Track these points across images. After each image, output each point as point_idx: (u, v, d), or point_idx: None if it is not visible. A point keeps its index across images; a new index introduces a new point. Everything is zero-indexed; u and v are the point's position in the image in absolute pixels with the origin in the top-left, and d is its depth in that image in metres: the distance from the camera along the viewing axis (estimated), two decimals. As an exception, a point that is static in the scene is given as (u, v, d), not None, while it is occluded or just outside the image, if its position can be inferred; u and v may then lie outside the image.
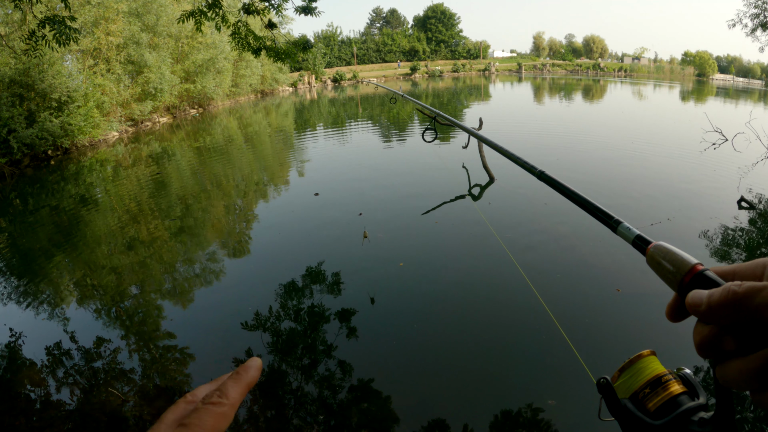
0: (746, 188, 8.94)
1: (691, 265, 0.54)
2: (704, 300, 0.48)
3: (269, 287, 5.82)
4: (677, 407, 0.60)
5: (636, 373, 0.65)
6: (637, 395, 0.64)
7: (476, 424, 3.51)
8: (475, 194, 9.43)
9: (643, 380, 0.64)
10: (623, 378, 0.66)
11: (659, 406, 0.61)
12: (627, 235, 0.72)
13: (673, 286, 0.56)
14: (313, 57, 52.71)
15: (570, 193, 0.96)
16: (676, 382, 0.63)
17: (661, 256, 0.59)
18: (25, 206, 10.67)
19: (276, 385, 4.12)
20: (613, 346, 4.46)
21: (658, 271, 0.59)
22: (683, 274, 0.54)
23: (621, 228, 0.75)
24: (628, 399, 0.65)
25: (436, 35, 79.56)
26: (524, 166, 1.19)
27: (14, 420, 3.79)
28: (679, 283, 0.55)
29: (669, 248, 0.59)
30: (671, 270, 0.56)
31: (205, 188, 11.40)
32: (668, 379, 0.63)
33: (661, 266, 0.59)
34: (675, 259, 0.56)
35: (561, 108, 27.24)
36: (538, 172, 1.10)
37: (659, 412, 0.61)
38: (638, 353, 0.67)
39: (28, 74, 14.90)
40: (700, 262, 0.54)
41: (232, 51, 28.31)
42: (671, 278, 0.56)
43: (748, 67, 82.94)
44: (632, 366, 0.66)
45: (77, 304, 5.87)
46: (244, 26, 9.08)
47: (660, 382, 0.63)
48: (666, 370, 0.65)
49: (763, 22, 18.80)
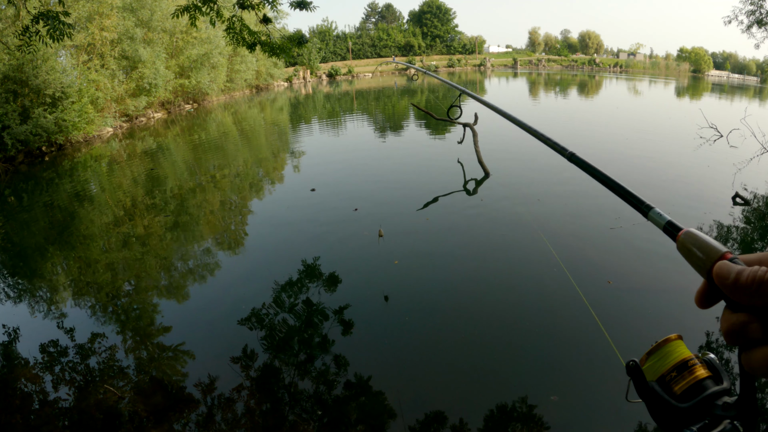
0: (741, 184, 8.98)
1: (721, 253, 0.54)
2: (733, 274, 0.50)
3: (265, 283, 5.81)
4: (702, 391, 0.62)
5: (663, 356, 0.67)
6: (664, 378, 0.66)
7: (472, 419, 3.53)
8: (470, 189, 9.44)
9: (670, 364, 0.66)
10: (651, 361, 0.68)
11: (685, 389, 0.63)
12: (658, 220, 0.72)
13: (703, 272, 0.56)
14: (308, 52, 52.57)
15: (601, 176, 0.98)
16: (701, 366, 0.65)
17: (691, 242, 0.59)
18: (19, 203, 10.61)
19: (272, 381, 4.12)
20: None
21: (688, 258, 0.60)
22: (713, 262, 0.54)
23: (652, 213, 0.75)
24: (656, 382, 0.66)
25: (431, 30, 79.28)
26: (554, 147, 1.20)
27: (11, 418, 3.78)
28: (708, 270, 0.55)
29: (699, 235, 0.59)
30: (701, 257, 0.57)
31: (200, 184, 11.36)
32: (694, 363, 0.65)
33: (691, 253, 0.59)
34: (705, 246, 0.57)
35: (555, 104, 27.25)
36: (569, 154, 1.12)
37: (685, 396, 0.63)
38: (665, 337, 0.69)
39: (22, 70, 14.78)
40: (729, 250, 0.55)
41: (226, 46, 28.19)
42: (701, 265, 0.57)
43: (743, 64, 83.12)
44: (660, 350, 0.68)
45: (72, 301, 5.85)
46: (238, 21, 9.03)
47: (686, 366, 0.65)
48: (692, 354, 0.67)
49: (758, 19, 18.82)
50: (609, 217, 7.28)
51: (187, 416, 3.70)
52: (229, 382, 4.03)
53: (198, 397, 3.90)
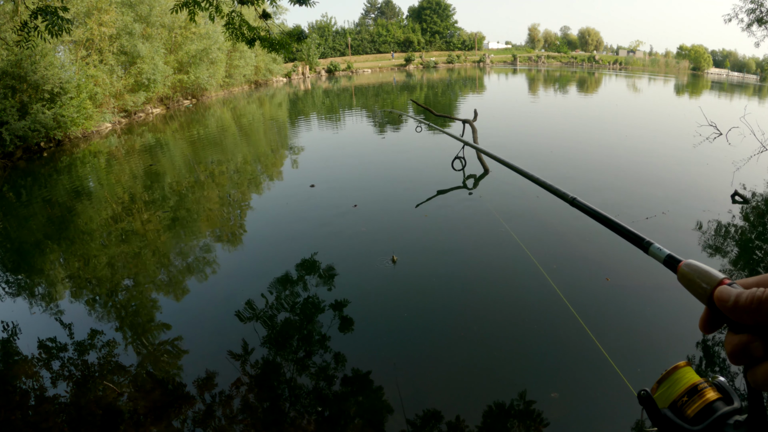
0: (740, 183, 8.98)
1: (719, 279, 0.58)
2: (732, 297, 0.53)
3: (263, 279, 5.82)
4: (713, 412, 0.64)
5: (673, 383, 0.69)
6: (676, 404, 0.68)
7: (471, 415, 3.54)
8: (470, 185, 9.44)
9: (681, 389, 0.68)
10: (662, 389, 0.70)
11: (697, 412, 0.65)
12: (658, 255, 0.77)
13: (704, 300, 0.60)
14: (307, 47, 52.45)
15: (603, 219, 1.05)
16: (711, 389, 0.67)
17: (691, 273, 0.63)
18: (18, 199, 10.60)
19: (271, 376, 4.13)
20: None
21: (689, 287, 0.63)
22: (712, 288, 0.58)
23: (652, 248, 0.80)
24: (668, 408, 0.68)
25: (431, 26, 79.20)
26: (556, 193, 1.25)
27: (10, 414, 3.78)
28: (709, 296, 0.59)
29: (698, 265, 0.63)
30: (701, 285, 0.60)
31: (198, 179, 11.35)
32: (704, 387, 0.67)
33: (691, 282, 0.63)
34: (704, 274, 0.61)
35: (555, 100, 27.24)
36: (570, 199, 1.16)
37: (697, 418, 0.65)
38: (674, 365, 0.71)
39: (20, 66, 14.73)
40: (726, 276, 0.58)
41: (225, 41, 28.17)
42: (701, 293, 0.60)
43: (743, 62, 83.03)
44: (669, 377, 0.70)
45: (71, 297, 5.85)
46: (238, 16, 9.01)
47: (696, 390, 0.67)
48: (701, 378, 0.69)
49: (759, 17, 18.80)
50: (610, 212, 7.27)
51: (186, 412, 3.71)
52: (228, 378, 4.04)
53: (197, 392, 3.91)
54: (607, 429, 3.46)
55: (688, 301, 0.71)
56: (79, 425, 3.66)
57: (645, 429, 0.80)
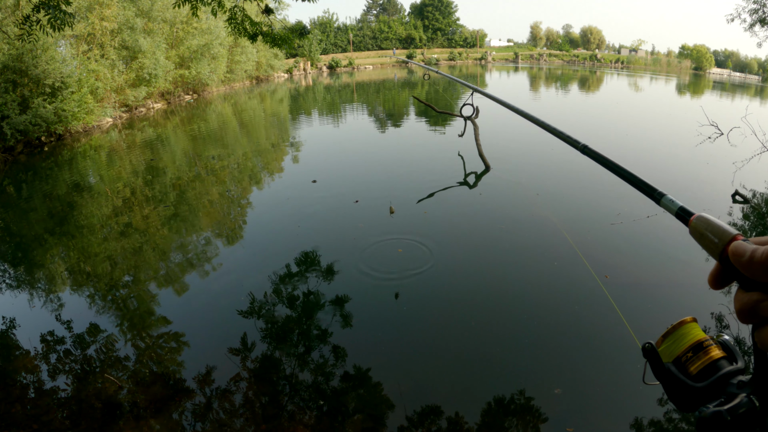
0: (740, 182, 8.98)
1: (732, 235, 0.57)
2: (748, 252, 0.52)
3: (264, 274, 5.83)
4: (717, 370, 0.64)
5: (679, 338, 0.69)
6: (680, 359, 0.67)
7: (472, 410, 3.55)
8: (471, 182, 9.45)
9: (686, 345, 0.68)
10: (666, 343, 0.70)
11: (701, 369, 0.65)
12: (670, 206, 0.77)
13: (715, 255, 0.58)
14: (308, 43, 52.24)
15: (614, 167, 1.01)
16: (716, 347, 0.67)
17: (703, 226, 0.62)
18: (18, 193, 10.60)
19: (271, 371, 4.14)
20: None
21: (701, 241, 0.62)
22: (725, 243, 0.57)
23: (664, 200, 0.80)
24: (672, 363, 0.68)
25: (432, 23, 79.00)
26: (567, 140, 1.22)
27: (10, 407, 3.80)
28: (721, 252, 0.57)
29: (711, 219, 0.62)
30: (713, 240, 0.59)
31: (199, 174, 11.35)
32: (709, 344, 0.67)
33: (703, 236, 0.61)
34: (717, 229, 0.59)
35: (556, 99, 27.19)
36: (581, 146, 1.13)
37: (701, 375, 0.65)
38: (680, 320, 0.70)
39: (22, 60, 14.69)
40: (740, 232, 0.57)
41: (227, 37, 28.08)
42: (713, 248, 0.59)
43: (745, 62, 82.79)
44: (675, 332, 0.70)
45: (71, 291, 5.86)
46: (240, 11, 9.00)
47: (701, 347, 0.67)
48: (707, 335, 0.68)
49: (761, 18, 18.76)
50: (610, 213, 7.29)
51: (186, 406, 3.72)
52: (228, 372, 4.05)
53: (197, 387, 3.92)
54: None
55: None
56: (79, 418, 3.67)
57: (645, 381, 0.80)
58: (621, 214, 7.12)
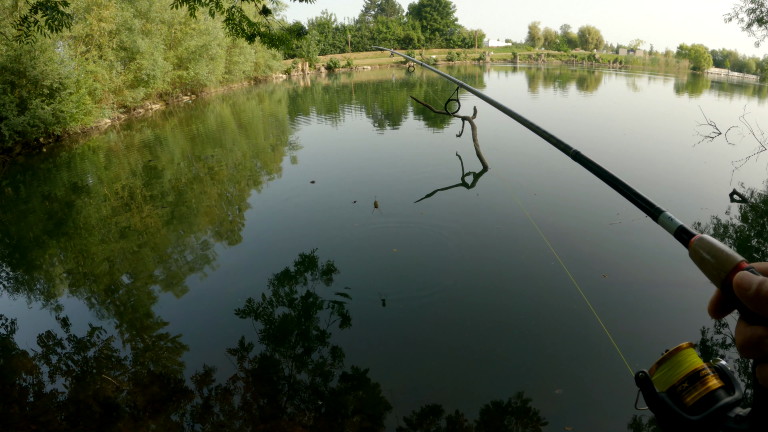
0: (738, 182, 9.00)
1: (737, 262, 0.52)
2: (755, 285, 0.47)
3: (262, 275, 5.83)
4: (714, 402, 0.60)
5: (674, 366, 0.65)
6: (675, 389, 0.64)
7: (469, 410, 3.55)
8: (468, 183, 9.45)
9: (682, 374, 0.64)
10: (661, 371, 0.66)
11: (697, 401, 0.61)
12: (669, 225, 0.68)
13: (717, 282, 0.54)
14: (307, 44, 52.26)
15: (608, 177, 0.91)
16: (713, 376, 0.63)
17: (705, 250, 0.57)
18: (16, 194, 10.58)
19: (269, 372, 4.14)
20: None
21: (701, 266, 0.57)
22: (728, 272, 0.52)
23: (662, 217, 0.70)
24: (666, 393, 0.64)
25: (431, 23, 78.97)
26: (558, 144, 1.13)
27: (8, 408, 3.79)
28: (723, 279, 0.53)
29: (714, 242, 0.56)
30: (715, 265, 0.54)
31: (198, 175, 11.35)
32: (706, 373, 0.63)
33: (704, 261, 0.56)
34: (720, 254, 0.54)
35: (555, 98, 27.21)
36: (573, 152, 1.06)
37: (696, 407, 0.61)
38: (676, 346, 0.67)
39: (20, 61, 14.66)
40: (744, 259, 0.52)
41: (225, 37, 28.06)
42: (714, 274, 0.54)
43: (743, 62, 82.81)
44: (671, 359, 0.66)
45: (70, 293, 5.85)
46: (238, 12, 8.99)
47: (698, 377, 0.63)
48: (704, 363, 0.64)
49: (759, 17, 18.80)
50: (608, 213, 7.30)
51: (185, 407, 3.72)
52: (227, 373, 4.05)
53: (195, 387, 3.92)
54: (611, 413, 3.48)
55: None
56: (77, 419, 3.67)
57: (637, 407, 0.76)
58: (620, 214, 7.13)
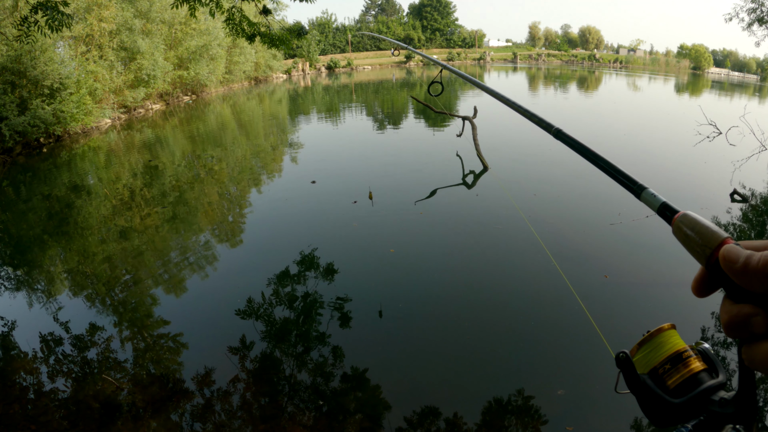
0: (739, 182, 8.99)
1: (721, 239, 0.50)
2: (742, 258, 0.45)
3: (262, 275, 5.82)
4: (698, 385, 0.59)
5: (656, 347, 0.64)
6: (657, 371, 0.63)
7: (469, 410, 3.55)
8: (469, 183, 9.45)
9: (663, 356, 0.63)
10: (642, 352, 0.65)
11: (679, 383, 0.60)
12: (652, 202, 0.65)
13: (701, 259, 0.52)
14: (307, 44, 52.28)
15: (590, 154, 0.86)
16: (696, 358, 0.62)
17: (688, 226, 0.54)
18: (17, 194, 10.59)
19: (270, 372, 4.14)
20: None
21: (685, 243, 0.54)
22: (713, 248, 0.50)
23: (645, 194, 0.67)
24: (647, 375, 0.63)
25: (431, 23, 78.98)
26: (540, 123, 1.12)
27: (9, 408, 3.79)
28: (708, 256, 0.51)
29: (698, 219, 0.54)
30: (699, 242, 0.52)
31: (198, 175, 11.35)
32: (689, 355, 0.62)
33: (688, 238, 0.54)
34: (704, 230, 0.52)
35: (554, 98, 27.20)
36: (555, 130, 1.03)
37: (679, 390, 0.60)
38: (658, 327, 0.65)
39: (20, 61, 14.67)
40: (730, 235, 0.50)
41: (226, 37, 28.08)
42: (699, 251, 0.52)
43: (743, 62, 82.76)
44: (652, 340, 0.65)
45: (70, 293, 5.85)
46: (238, 12, 9.00)
47: (681, 359, 0.62)
48: (686, 345, 0.63)
49: (759, 17, 18.79)
50: (609, 213, 7.30)
51: (185, 407, 3.72)
52: (227, 373, 4.05)
53: (196, 387, 3.92)
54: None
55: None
56: (77, 419, 3.67)
57: (617, 390, 0.74)
58: (621, 214, 7.13)
